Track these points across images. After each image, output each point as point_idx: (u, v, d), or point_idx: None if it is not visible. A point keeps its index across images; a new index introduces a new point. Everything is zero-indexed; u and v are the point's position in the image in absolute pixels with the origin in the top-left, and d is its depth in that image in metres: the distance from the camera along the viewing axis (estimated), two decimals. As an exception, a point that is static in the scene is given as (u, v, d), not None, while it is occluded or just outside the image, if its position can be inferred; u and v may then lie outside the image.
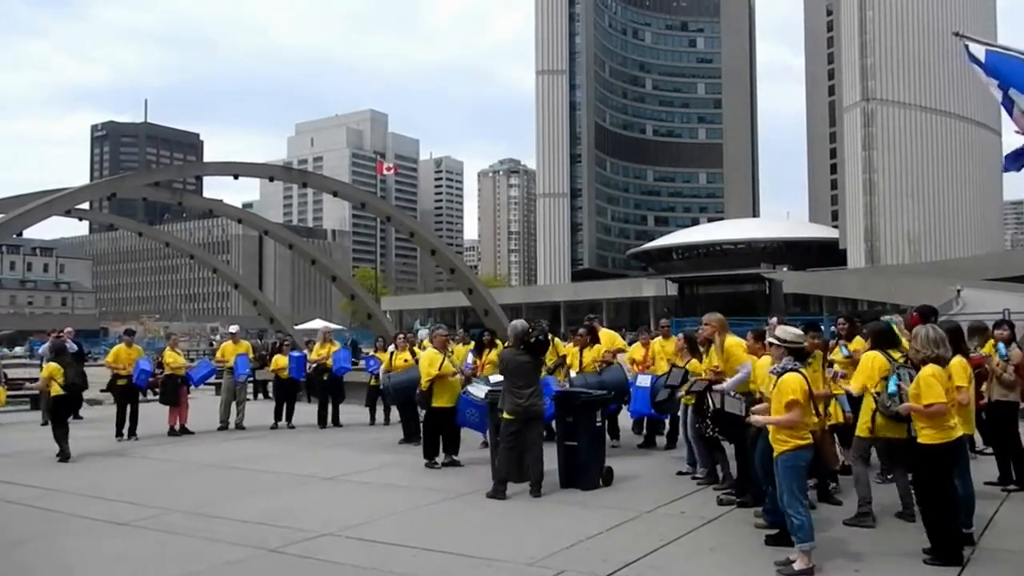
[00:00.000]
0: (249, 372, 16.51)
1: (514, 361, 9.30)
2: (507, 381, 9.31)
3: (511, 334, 9.56)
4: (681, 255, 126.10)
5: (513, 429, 9.13)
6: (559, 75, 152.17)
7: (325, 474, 10.64)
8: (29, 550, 7.20)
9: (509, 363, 9.33)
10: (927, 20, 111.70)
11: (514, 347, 9.42)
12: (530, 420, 9.20)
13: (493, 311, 24.67)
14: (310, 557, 6.75)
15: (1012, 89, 6.88)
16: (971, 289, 50.22)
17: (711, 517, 7.86)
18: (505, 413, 9.22)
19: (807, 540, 6.08)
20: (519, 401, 9.11)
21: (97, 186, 28.67)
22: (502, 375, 9.51)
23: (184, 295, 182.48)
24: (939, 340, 6.39)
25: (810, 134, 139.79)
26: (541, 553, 6.64)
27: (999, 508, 7.99)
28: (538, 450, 9.22)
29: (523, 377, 9.22)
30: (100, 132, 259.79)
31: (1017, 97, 6.84)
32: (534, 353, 9.43)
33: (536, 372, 9.50)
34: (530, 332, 9.43)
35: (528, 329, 9.52)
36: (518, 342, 9.38)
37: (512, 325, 9.72)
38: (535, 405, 9.23)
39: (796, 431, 6.27)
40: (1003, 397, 9.04)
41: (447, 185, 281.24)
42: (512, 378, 9.24)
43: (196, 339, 66.58)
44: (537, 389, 9.34)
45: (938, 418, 6.22)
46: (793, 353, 6.51)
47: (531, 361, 9.38)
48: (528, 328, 9.55)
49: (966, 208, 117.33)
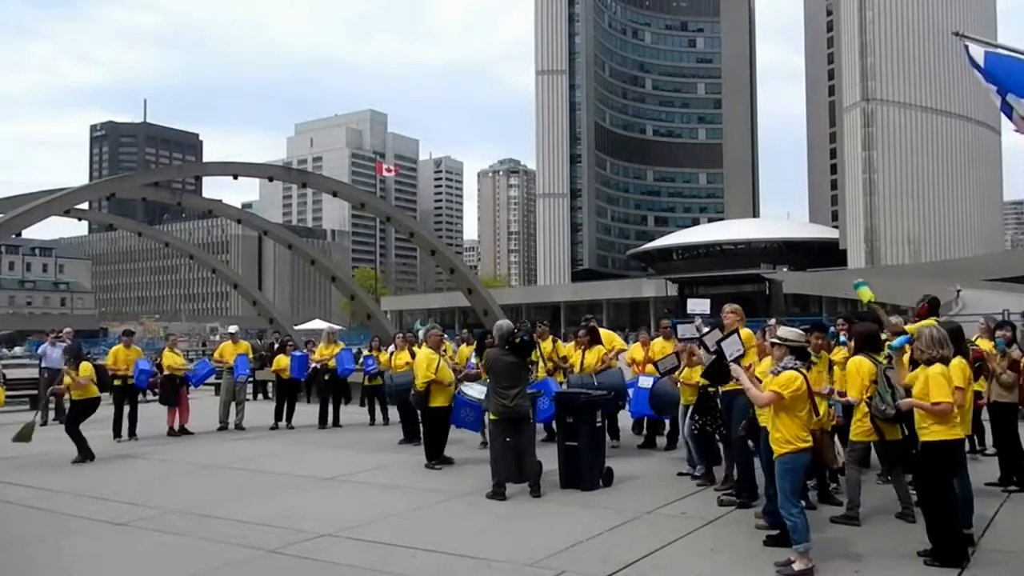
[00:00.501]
0: (249, 372, 16.50)
1: (500, 361, 9.30)
2: (492, 381, 9.34)
3: (496, 334, 9.59)
4: (681, 255, 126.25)
5: (500, 430, 9.16)
6: (559, 75, 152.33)
7: (324, 474, 10.63)
8: (28, 551, 7.19)
9: (495, 363, 9.33)
10: (927, 20, 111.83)
11: (500, 347, 9.43)
12: (517, 420, 9.21)
13: (493, 311, 24.71)
14: (309, 558, 6.74)
15: (1010, 94, 6.87)
16: (971, 289, 50.28)
17: (712, 518, 7.85)
18: (491, 414, 9.26)
19: (803, 541, 6.09)
20: (504, 402, 9.13)
21: (96, 186, 28.68)
22: (487, 375, 9.51)
23: (183, 295, 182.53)
24: (943, 340, 6.43)
25: (810, 134, 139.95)
26: (542, 553, 6.63)
27: (999, 509, 7.99)
28: (532, 449, 9.23)
29: (508, 377, 9.22)
30: (99, 132, 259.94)
31: (1016, 103, 6.84)
32: (519, 353, 9.45)
33: (521, 372, 9.48)
34: (515, 332, 9.47)
35: (514, 329, 9.55)
36: (503, 342, 9.40)
37: (497, 325, 9.76)
38: (520, 405, 9.24)
39: (798, 431, 6.28)
40: (1001, 398, 9.07)
41: (447, 185, 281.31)
42: (497, 378, 9.25)
43: (196, 339, 66.58)
44: (522, 390, 9.34)
45: (945, 416, 6.25)
46: (796, 352, 6.51)
47: (516, 361, 9.38)
48: (514, 328, 9.58)
49: (966, 208, 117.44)
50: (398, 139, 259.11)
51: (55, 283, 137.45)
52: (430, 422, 11.23)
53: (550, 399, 10.68)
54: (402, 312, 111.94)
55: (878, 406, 7.30)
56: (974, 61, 7.20)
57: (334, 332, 18.57)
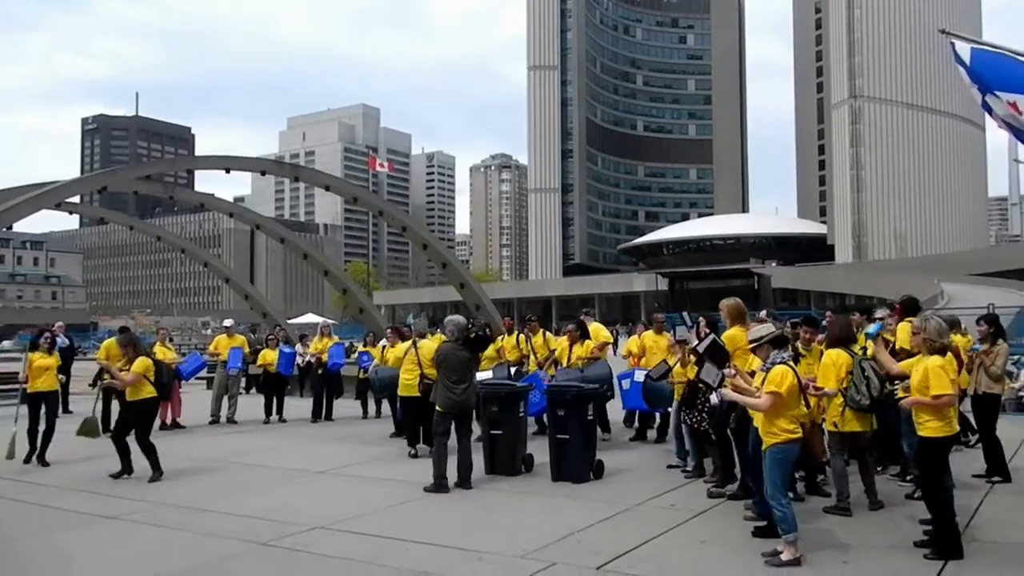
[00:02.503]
0: (243, 366, 16.51)
1: (454, 356, 9.37)
2: (442, 375, 9.39)
3: (450, 328, 9.68)
4: (671, 250, 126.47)
5: (446, 424, 9.27)
6: (551, 71, 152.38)
7: (316, 468, 10.65)
8: (22, 546, 7.20)
9: (449, 357, 9.38)
10: (914, 18, 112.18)
11: (453, 342, 9.52)
12: (462, 415, 9.35)
13: (485, 306, 24.74)
14: (302, 550, 6.77)
15: (990, 94, 6.96)
16: (956, 284, 50.63)
17: (701, 509, 7.93)
18: (438, 406, 9.33)
19: (790, 531, 6.16)
20: (454, 396, 9.23)
21: (88, 179, 28.61)
22: (437, 368, 9.55)
23: (175, 289, 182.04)
24: (944, 331, 6.57)
25: (799, 131, 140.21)
26: (533, 545, 6.69)
27: (983, 500, 8.10)
28: (467, 443, 9.36)
29: (459, 372, 9.31)
30: (91, 125, 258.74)
31: (995, 103, 6.92)
32: (473, 349, 9.61)
33: (471, 368, 9.59)
34: (470, 328, 9.65)
35: (467, 324, 9.77)
36: (456, 337, 9.51)
37: (452, 320, 9.89)
38: (468, 400, 9.40)
39: (787, 424, 6.34)
40: (989, 389, 9.21)
41: (439, 180, 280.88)
42: (449, 372, 9.31)
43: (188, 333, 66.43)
44: (472, 385, 9.47)
45: (944, 410, 6.33)
46: (774, 343, 6.58)
47: (470, 356, 9.51)
48: (467, 324, 9.79)
49: (952, 204, 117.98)
50: (391, 134, 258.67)
51: (46, 277, 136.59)
52: (409, 411, 11.65)
53: (541, 393, 10.78)
54: (395, 307, 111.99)
55: (853, 396, 7.45)
56: (959, 58, 7.27)
57: (328, 326, 18.65)
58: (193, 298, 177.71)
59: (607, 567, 6.19)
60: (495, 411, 9.89)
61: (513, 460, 9.79)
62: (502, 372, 12.56)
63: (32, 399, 11.23)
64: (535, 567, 6.20)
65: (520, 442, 9.99)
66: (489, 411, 9.95)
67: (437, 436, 9.22)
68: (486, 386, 10.33)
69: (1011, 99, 7.12)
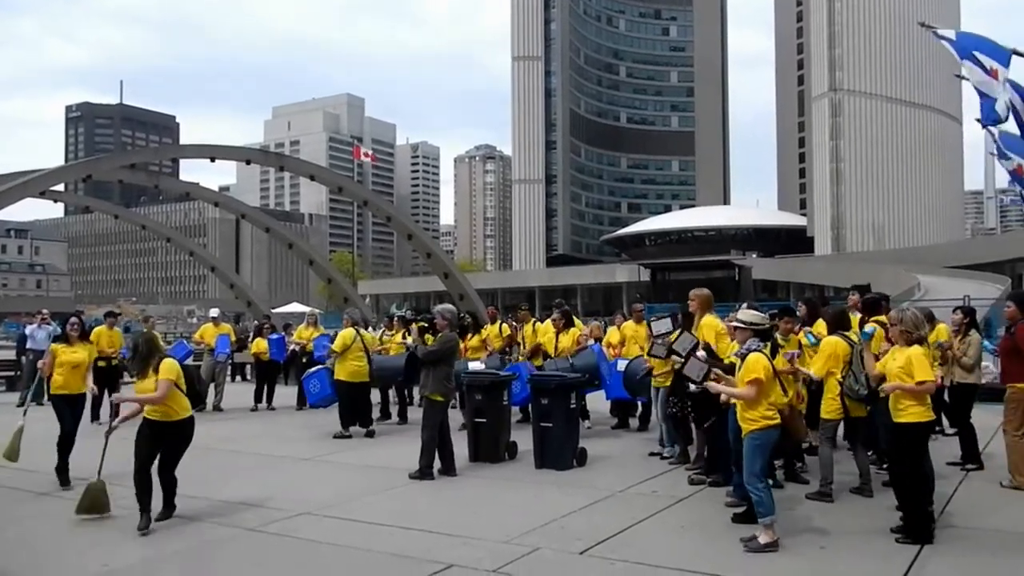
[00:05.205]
0: (229, 353, 16.54)
1: (456, 345, 10.01)
2: (444, 365, 9.49)
3: (447, 317, 9.72)
4: (653, 241, 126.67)
5: (444, 414, 9.41)
6: (535, 61, 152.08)
7: (304, 455, 10.73)
8: (1, 534, 7.18)
9: (455, 348, 9.89)
10: (894, 12, 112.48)
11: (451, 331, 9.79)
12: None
13: (469, 295, 24.87)
14: (288, 536, 6.84)
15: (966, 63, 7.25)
16: (932, 276, 51.10)
17: (682, 496, 8.06)
18: (436, 396, 9.29)
19: (768, 514, 6.29)
20: (450, 385, 9.55)
21: (72, 168, 28.50)
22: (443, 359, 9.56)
23: (161, 278, 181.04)
24: (921, 322, 6.81)
25: (780, 123, 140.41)
26: (517, 531, 6.79)
27: (958, 487, 8.28)
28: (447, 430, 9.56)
29: (452, 361, 9.77)
30: (75, 113, 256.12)
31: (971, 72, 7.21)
32: (462, 335, 10.11)
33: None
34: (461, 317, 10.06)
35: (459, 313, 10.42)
36: (454, 326, 9.86)
37: (446, 308, 9.98)
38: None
39: (765, 410, 6.47)
40: (963, 379, 9.43)
41: (423, 170, 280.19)
42: (450, 362, 9.62)
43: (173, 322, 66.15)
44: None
45: (925, 396, 6.56)
46: (759, 334, 6.73)
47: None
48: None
49: (929, 198, 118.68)
50: (375, 124, 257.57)
51: (31, 265, 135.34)
52: (342, 394, 12.34)
53: (524, 382, 10.91)
54: (379, 296, 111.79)
55: (851, 386, 7.62)
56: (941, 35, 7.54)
57: (315, 315, 18.73)
58: (179, 287, 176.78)
59: (589, 552, 6.29)
60: (479, 399, 10.08)
61: (497, 448, 9.94)
62: (494, 362, 12.68)
63: (55, 402, 9.16)
64: (519, 552, 6.29)
65: (504, 430, 10.16)
66: (473, 399, 10.16)
67: (431, 427, 9.18)
68: (470, 375, 10.50)
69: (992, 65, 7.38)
